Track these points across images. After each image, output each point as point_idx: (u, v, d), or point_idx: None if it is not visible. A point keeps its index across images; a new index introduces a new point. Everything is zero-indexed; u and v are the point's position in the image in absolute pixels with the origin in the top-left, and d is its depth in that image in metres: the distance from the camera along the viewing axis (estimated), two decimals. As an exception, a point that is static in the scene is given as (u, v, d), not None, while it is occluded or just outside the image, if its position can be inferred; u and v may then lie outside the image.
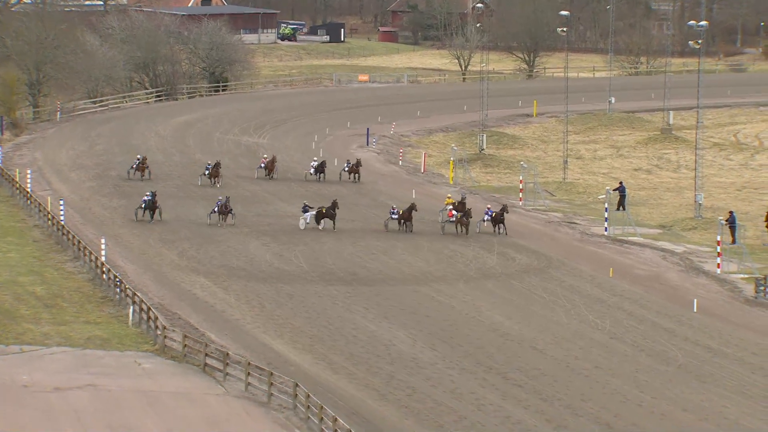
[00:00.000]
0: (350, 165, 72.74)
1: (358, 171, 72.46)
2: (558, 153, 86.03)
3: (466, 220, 56.95)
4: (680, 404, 35.72)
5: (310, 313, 45.57)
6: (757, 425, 33.87)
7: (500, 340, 42.35)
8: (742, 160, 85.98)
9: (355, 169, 72.47)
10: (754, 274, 51.28)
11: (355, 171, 72.44)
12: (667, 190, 75.49)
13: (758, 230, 53.94)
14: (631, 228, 60.84)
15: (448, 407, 35.53)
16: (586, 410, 35.26)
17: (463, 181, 77.14)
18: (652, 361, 39.95)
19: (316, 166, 72.52)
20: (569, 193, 74.97)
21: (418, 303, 47.26)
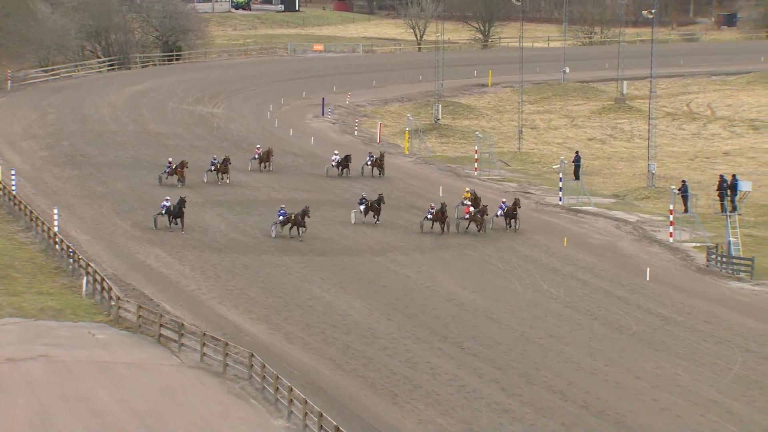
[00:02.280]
0: (373, 158, 65.63)
1: (382, 165, 65.19)
2: (513, 123, 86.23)
3: (481, 217, 52.80)
4: (633, 372, 36.02)
5: (266, 283, 45.44)
6: (708, 392, 34.25)
7: (456, 310, 42.47)
8: (695, 129, 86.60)
9: (379, 164, 65.22)
10: (706, 242, 51.74)
11: (379, 165, 65.18)
12: (620, 160, 75.91)
13: (710, 199, 54.33)
14: (585, 197, 61.13)
15: (403, 377, 35.61)
16: (540, 379, 35.48)
17: (419, 151, 77.11)
18: (606, 330, 40.25)
19: (338, 160, 65.03)
20: (524, 163, 75.20)
21: (374, 273, 47.26)
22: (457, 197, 60.23)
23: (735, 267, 48.05)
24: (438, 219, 52.84)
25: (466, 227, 53.30)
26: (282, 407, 32.96)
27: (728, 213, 49.39)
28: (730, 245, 49.13)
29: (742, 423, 31.87)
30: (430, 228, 52.87)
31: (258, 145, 68.55)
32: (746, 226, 54.25)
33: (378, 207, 54.17)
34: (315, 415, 30.95)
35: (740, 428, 31.50)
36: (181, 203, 52.04)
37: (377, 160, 65.14)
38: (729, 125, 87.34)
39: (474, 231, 53.14)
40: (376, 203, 54.25)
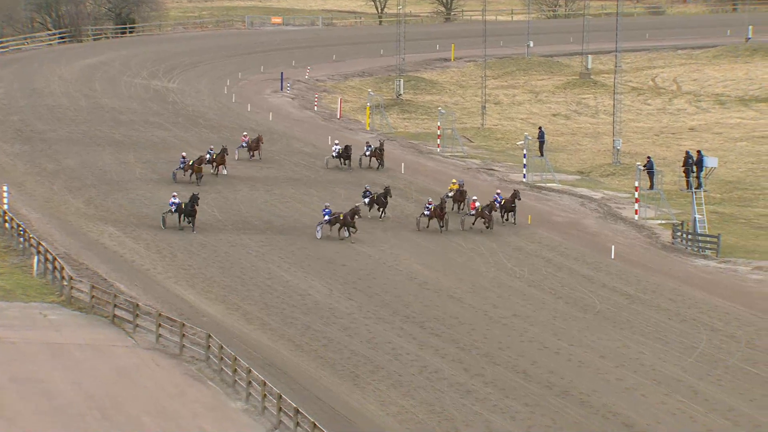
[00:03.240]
0: (371, 149, 61.94)
1: (381, 156, 61.49)
2: (476, 98, 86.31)
3: (489, 213, 49.42)
4: (598, 351, 36.29)
5: (224, 262, 45.31)
6: (673, 371, 34.57)
7: (418, 289, 42.57)
8: (660, 104, 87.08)
9: (378, 154, 61.54)
10: (671, 220, 52.13)
11: (378, 156, 61.52)
12: (585, 136, 76.22)
13: (676, 176, 54.75)
14: (550, 174, 61.38)
15: (364, 357, 35.68)
16: (504, 358, 35.66)
17: (380, 127, 77.05)
18: (570, 309, 40.50)
19: (339, 151, 61.65)
20: (487, 139, 75.35)
21: (334, 252, 47.24)
22: (418, 174, 60.35)
23: (700, 244, 48.46)
24: (436, 215, 49.64)
25: (472, 224, 50.04)
26: (240, 389, 32.94)
27: (694, 190, 49.75)
28: (696, 222, 49.52)
29: (706, 402, 32.21)
30: (426, 226, 49.65)
31: (245, 132, 64.89)
32: (712, 203, 54.70)
33: (384, 201, 51.41)
34: (274, 397, 30.96)
35: (705, 407, 31.84)
36: (193, 200, 48.47)
37: (376, 151, 61.71)
38: (695, 100, 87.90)
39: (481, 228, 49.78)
40: (383, 196, 51.45)
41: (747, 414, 31.31)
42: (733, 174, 62.37)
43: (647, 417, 31.16)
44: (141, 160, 62.89)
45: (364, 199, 51.47)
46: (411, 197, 56.35)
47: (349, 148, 61.30)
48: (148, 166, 60.76)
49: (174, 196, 49.40)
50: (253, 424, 31.26)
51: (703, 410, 31.62)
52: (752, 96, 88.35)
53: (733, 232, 50.54)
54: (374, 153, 61.58)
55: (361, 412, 31.81)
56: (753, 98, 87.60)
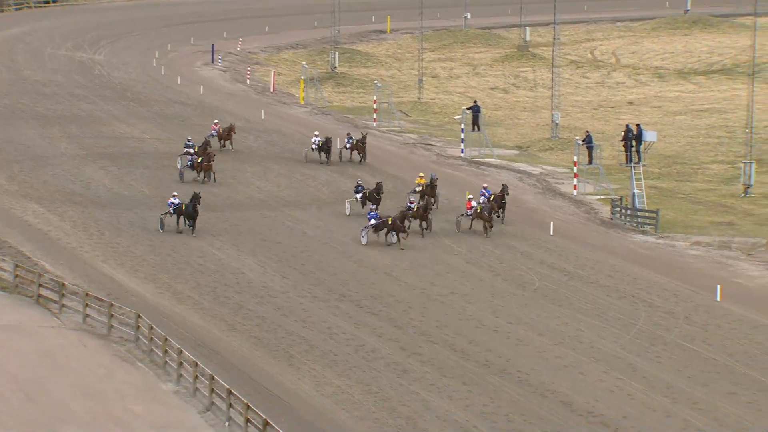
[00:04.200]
0: (353, 141, 58.28)
1: (363, 149, 57.99)
2: (413, 71, 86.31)
3: (489, 215, 45.75)
4: (536, 329, 36.57)
5: (153, 240, 44.97)
6: (612, 348, 34.94)
7: (354, 267, 42.57)
8: (599, 78, 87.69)
9: (360, 147, 58.03)
10: (610, 195, 52.58)
11: (360, 149, 58.04)
12: (523, 110, 76.59)
13: (615, 150, 55.16)
14: (488, 149, 61.60)
15: (299, 337, 35.65)
16: (441, 337, 35.82)
17: (315, 101, 76.83)
18: (509, 286, 40.75)
19: (319, 143, 57.98)
20: (424, 113, 75.44)
21: (268, 229, 47.09)
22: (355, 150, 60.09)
23: (639, 220, 48.96)
24: (417, 216, 45.92)
25: (469, 226, 46.36)
26: (171, 370, 32.76)
27: (633, 164, 50.20)
28: (635, 198, 50.01)
29: (644, 379, 32.61)
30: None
31: (216, 120, 61.49)
32: (650, 177, 55.26)
33: (378, 197, 48.22)
34: (206, 378, 30.83)
35: (643, 384, 32.23)
36: (195, 200, 45.23)
37: (358, 143, 58.02)
38: (633, 73, 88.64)
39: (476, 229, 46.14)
40: (375, 193, 48.48)
41: (685, 391, 31.76)
42: (671, 148, 63.04)
43: (585, 395, 31.49)
44: (66, 134, 62.17)
45: (357, 195, 48.91)
46: (348, 173, 56.24)
47: (329, 141, 57.74)
48: (73, 140, 60.05)
49: (174, 196, 46.20)
50: (184, 405, 31.12)
51: (641, 387, 32.01)
52: (691, 69, 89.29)
53: (672, 208, 51.13)
54: (356, 146, 58.07)
55: (295, 392, 31.80)
56: (692, 71, 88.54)
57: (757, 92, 59.85)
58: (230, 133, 59.61)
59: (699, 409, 30.51)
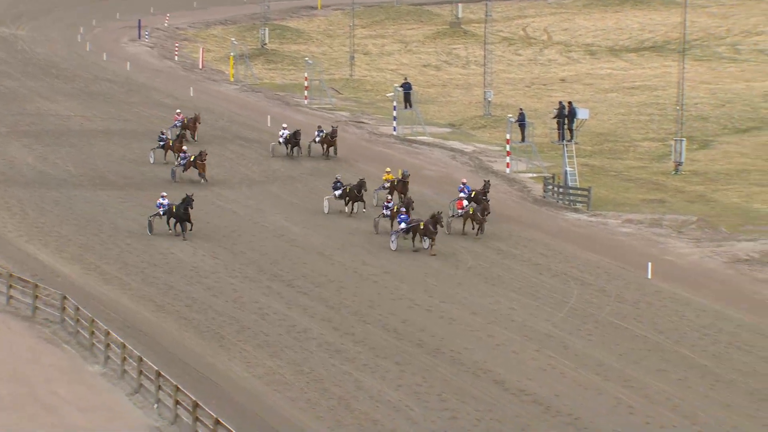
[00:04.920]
0: (322, 134, 55.56)
1: (334, 143, 55.18)
2: (344, 48, 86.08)
3: (481, 216, 43.09)
4: (469, 308, 36.75)
5: (79, 220, 44.49)
6: (544, 326, 35.23)
7: (286, 247, 42.47)
8: (531, 55, 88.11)
9: (330, 141, 55.17)
10: (542, 173, 52.92)
11: (330, 142, 55.16)
12: (456, 87, 76.75)
13: (547, 128, 55.53)
14: (420, 127, 61.70)
15: (230, 317, 35.50)
16: (374, 317, 35.87)
17: (245, 78, 76.37)
18: (441, 265, 40.87)
19: (287, 136, 55.38)
20: (356, 90, 75.32)
21: (197, 208, 46.76)
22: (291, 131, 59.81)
23: (571, 198, 49.34)
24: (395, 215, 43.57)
25: (463, 230, 43.55)
26: (98, 352, 32.48)
27: (565, 142, 50.53)
28: (567, 175, 50.37)
29: (577, 357, 32.93)
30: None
31: (178, 110, 59.02)
32: (582, 155, 55.67)
33: (359, 195, 45.81)
34: (134, 360, 30.60)
35: (575, 363, 32.53)
36: (186, 203, 42.37)
37: (328, 137, 55.23)
38: (565, 51, 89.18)
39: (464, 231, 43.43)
40: (356, 190, 45.79)
41: (616, 369, 32.12)
42: (603, 126, 63.55)
43: (518, 373, 31.73)
44: (-11, 112, 61.20)
45: (335, 192, 46.17)
46: (276, 151, 56.02)
47: (298, 134, 55.13)
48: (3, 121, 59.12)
49: (163, 197, 43.21)
50: (111, 388, 30.87)
51: (573, 365, 32.31)
52: (622, 46, 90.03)
53: (604, 185, 51.59)
54: (326, 139, 55.24)
55: (226, 373, 31.68)
56: (623, 48, 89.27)
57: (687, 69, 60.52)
58: (195, 123, 56.96)
59: (630, 387, 30.88)
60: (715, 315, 35.69)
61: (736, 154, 56.86)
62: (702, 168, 54.37)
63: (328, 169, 52.60)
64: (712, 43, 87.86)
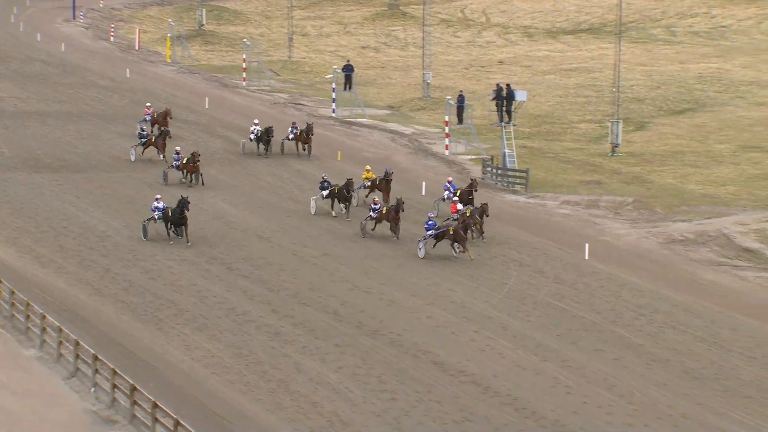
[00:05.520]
0: (296, 131, 52.70)
1: (309, 140, 52.38)
2: (282, 30, 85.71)
3: (480, 219, 40.70)
4: (409, 290, 36.83)
5: (14, 203, 43.95)
6: (483, 308, 35.39)
7: (225, 229, 42.26)
8: (470, 37, 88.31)
9: (305, 138, 52.35)
10: (481, 155, 53.12)
11: (305, 140, 52.40)
12: (395, 69, 76.73)
13: (485, 110, 55.70)
14: (360, 109, 61.64)
15: (168, 300, 35.29)
16: (314, 299, 35.83)
17: (182, 59, 75.78)
18: (381, 247, 40.89)
19: (258, 133, 52.37)
20: (295, 72, 75.06)
21: (134, 191, 46.39)
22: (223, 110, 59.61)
23: (510, 179, 49.59)
24: (385, 219, 41.24)
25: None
26: (34, 336, 32.16)
27: (503, 124, 50.74)
28: (505, 157, 50.60)
29: (515, 338, 33.13)
30: (372, 229, 41.49)
31: (148, 103, 56.21)
32: (521, 137, 55.95)
33: (348, 196, 43.48)
34: (71, 344, 30.33)
35: (514, 343, 32.74)
36: (182, 206, 40.00)
37: (302, 134, 52.32)
38: (503, 33, 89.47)
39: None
40: (345, 190, 43.46)
41: (554, 349, 32.37)
42: (541, 108, 63.89)
43: (457, 354, 31.86)
44: None
45: (322, 192, 43.93)
46: (216, 133, 55.69)
47: (270, 131, 52.17)
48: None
49: (157, 200, 40.71)
50: (47, 372, 30.58)
51: (512, 346, 32.52)
52: (559, 28, 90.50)
53: (542, 167, 51.90)
54: (300, 136, 52.40)
55: (164, 357, 31.49)
56: (560, 30, 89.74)
57: (623, 51, 60.96)
58: (166, 118, 54.09)
59: (568, 367, 31.14)
60: (651, 295, 36.08)
61: (671, 136, 57.44)
62: (638, 149, 54.87)
63: (279, 159, 52.37)
64: (647, 25, 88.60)
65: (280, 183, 48.01)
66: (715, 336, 33.13)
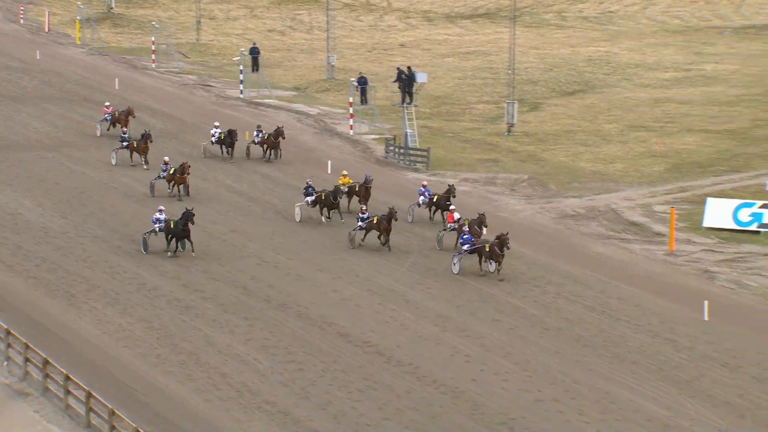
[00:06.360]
0: (263, 135, 48.43)
1: (277, 145, 48.10)
2: (191, 13, 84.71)
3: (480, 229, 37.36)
4: (315, 265, 36.78)
5: (-74, 182, 42.90)
6: (386, 281, 35.48)
7: (135, 207, 41.75)
8: (372, 21, 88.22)
9: (273, 143, 48.04)
10: (384, 134, 53.21)
11: (273, 145, 48.08)
12: (300, 52, 76.37)
13: (388, 91, 55.72)
14: (267, 90, 61.27)
15: (80, 276, 34.80)
16: (223, 274, 35.60)
17: (92, 41, 74.53)
18: (289, 224, 40.76)
19: (221, 136, 48.29)
20: (203, 55, 74.29)
21: (46, 170, 45.59)
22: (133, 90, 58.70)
23: (412, 158, 49.74)
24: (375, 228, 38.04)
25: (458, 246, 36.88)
26: (-52, 314, 31.47)
27: (405, 105, 50.85)
28: (407, 137, 50.74)
29: (417, 310, 33.31)
30: (362, 240, 38.23)
31: (107, 103, 52.44)
32: (422, 117, 56.11)
33: (335, 202, 40.37)
34: (-15, 321, 29.74)
35: (416, 315, 32.92)
36: (186, 218, 36.61)
37: (269, 138, 48.05)
38: (404, 17, 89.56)
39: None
40: (332, 197, 40.38)
41: (454, 319, 32.61)
42: (441, 89, 64.13)
43: (361, 326, 31.94)
44: None
45: (307, 198, 40.64)
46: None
47: (233, 134, 47.94)
48: None
49: (160, 211, 37.39)
50: (-38, 349, 29.95)
51: (414, 318, 32.69)
52: (457, 13, 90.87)
53: (442, 146, 52.13)
54: (268, 140, 48.14)
55: (76, 331, 31.07)
56: (458, 15, 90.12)
57: (518, 36, 61.40)
58: (128, 117, 50.29)
59: (467, 336, 31.40)
60: (545, 267, 36.49)
61: (563, 116, 58.08)
62: (532, 129, 55.40)
63: (176, 131, 51.78)
64: (540, 10, 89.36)
65: (189, 162, 47.49)
66: (604, 305, 33.67)
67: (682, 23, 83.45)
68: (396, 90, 51.65)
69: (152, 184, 42.88)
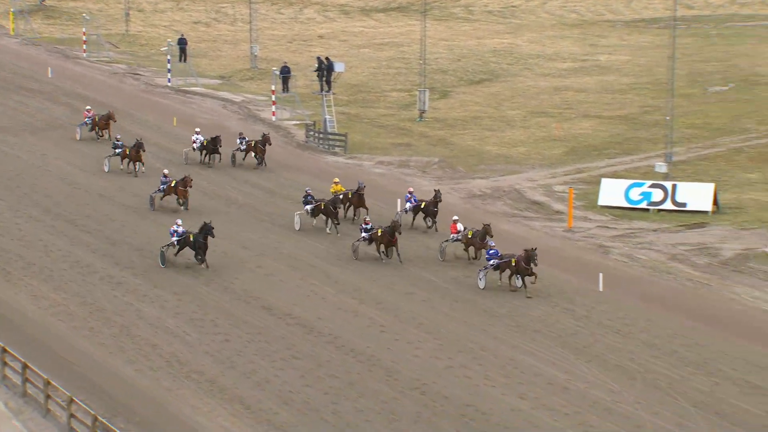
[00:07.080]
0: (246, 142, 44.75)
1: (263, 152, 44.38)
2: (119, 5, 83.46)
3: (482, 242, 34.51)
4: (240, 242, 36.58)
5: None
6: (308, 257, 35.43)
7: (69, 189, 41.12)
8: (292, 14, 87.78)
9: (259, 149, 44.36)
10: (304, 120, 53.06)
11: (259, 152, 44.39)
12: (225, 43, 75.74)
13: (308, 80, 55.52)
14: (193, 79, 60.68)
15: (15, 254, 34.21)
16: (153, 251, 35.20)
17: (24, 32, 73.08)
18: (215, 203, 40.46)
19: (203, 142, 44.67)
20: (132, 45, 73.30)
21: (-18, 154, 44.67)
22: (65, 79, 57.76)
23: (330, 143, 49.69)
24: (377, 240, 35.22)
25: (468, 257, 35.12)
26: None
27: (324, 93, 50.77)
28: (326, 123, 50.67)
29: (337, 284, 33.37)
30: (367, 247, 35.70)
31: (88, 106, 48.81)
32: (340, 104, 56.05)
33: (335, 211, 37.44)
34: (-76, 298, 29.09)
35: (335, 289, 32.98)
36: (206, 231, 33.73)
37: (256, 146, 44.39)
38: (322, 10, 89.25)
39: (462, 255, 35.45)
40: (332, 206, 37.44)
41: (371, 293, 32.72)
42: (357, 78, 64.09)
43: (285, 300, 31.90)
44: None
45: (306, 207, 37.77)
46: (60, 101, 53.93)
47: (217, 140, 44.11)
48: None
49: (177, 224, 34.35)
50: None
51: (333, 291, 32.73)
52: (372, 6, 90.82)
53: (359, 131, 52.13)
54: (252, 147, 44.50)
55: (13, 306, 30.57)
56: (373, 9, 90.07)
57: (428, 28, 61.54)
58: (108, 121, 47.12)
59: (383, 309, 31.53)
60: (454, 245, 36.69)
61: (470, 103, 58.43)
62: (442, 115, 55.66)
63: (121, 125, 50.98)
64: (449, 4, 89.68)
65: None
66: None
67: (578, 17, 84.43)
68: (315, 79, 51.51)
69: (152, 198, 39.36)
